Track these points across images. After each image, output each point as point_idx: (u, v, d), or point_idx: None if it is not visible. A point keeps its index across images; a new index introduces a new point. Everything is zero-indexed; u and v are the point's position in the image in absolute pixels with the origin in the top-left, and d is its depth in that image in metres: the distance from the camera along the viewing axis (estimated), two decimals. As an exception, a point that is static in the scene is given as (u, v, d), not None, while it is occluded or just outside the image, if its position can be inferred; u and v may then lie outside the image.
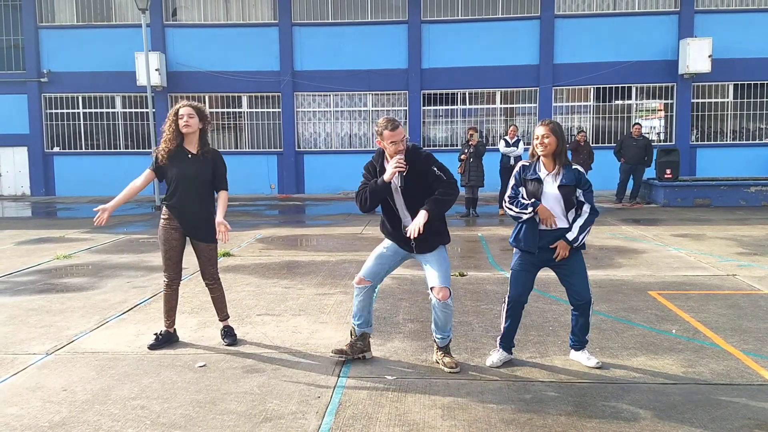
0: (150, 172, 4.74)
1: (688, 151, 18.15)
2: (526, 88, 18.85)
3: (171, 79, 19.00)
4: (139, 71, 18.08)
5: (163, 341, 4.82)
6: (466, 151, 12.61)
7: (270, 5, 19.10)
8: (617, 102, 18.87)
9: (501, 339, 4.40)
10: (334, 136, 19.55)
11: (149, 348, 4.75)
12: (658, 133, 19.05)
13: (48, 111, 19.67)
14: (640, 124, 15.73)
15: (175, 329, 4.95)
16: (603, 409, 3.64)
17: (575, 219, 4.16)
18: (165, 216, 4.76)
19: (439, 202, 4.02)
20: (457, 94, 19.06)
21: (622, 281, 6.85)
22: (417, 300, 6.11)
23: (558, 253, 4.13)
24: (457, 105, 19.16)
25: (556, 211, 4.15)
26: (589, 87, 18.71)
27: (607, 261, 7.99)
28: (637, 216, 12.73)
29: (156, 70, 18.07)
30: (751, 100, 18.45)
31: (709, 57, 17.35)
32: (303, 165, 19.47)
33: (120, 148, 19.73)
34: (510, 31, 18.51)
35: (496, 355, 4.37)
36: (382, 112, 19.09)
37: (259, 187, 19.37)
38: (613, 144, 16.88)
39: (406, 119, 18.89)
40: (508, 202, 4.25)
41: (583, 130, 16.36)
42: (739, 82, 18.34)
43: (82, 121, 19.66)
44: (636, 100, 18.89)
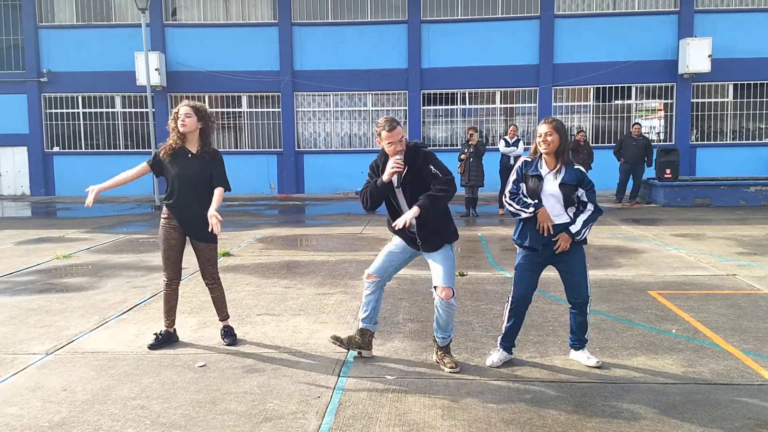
0: (145, 165, 4.76)
1: (688, 150, 18.14)
2: (526, 88, 18.85)
3: (171, 79, 19.00)
4: (138, 71, 18.07)
5: (163, 341, 4.82)
6: (466, 150, 12.61)
7: (270, 5, 19.09)
8: (617, 102, 18.87)
9: (502, 339, 4.40)
10: (333, 136, 19.54)
11: (149, 348, 4.75)
12: (658, 133, 19.05)
13: (48, 111, 19.67)
14: (639, 123, 15.73)
15: (175, 329, 4.95)
16: (603, 409, 3.64)
17: (579, 214, 4.17)
18: (165, 216, 4.77)
19: (432, 198, 4.03)
20: (456, 93, 19.06)
21: (622, 281, 6.86)
22: (417, 300, 6.11)
23: (559, 245, 4.14)
24: (457, 105, 19.16)
25: (556, 209, 4.16)
26: (589, 87, 18.71)
27: (607, 261, 7.99)
28: (637, 216, 12.73)
29: (156, 69, 18.07)
30: (751, 100, 18.45)
31: (709, 57, 17.34)
32: (303, 165, 19.46)
33: (120, 148, 19.73)
34: (510, 31, 18.51)
35: (496, 355, 4.37)
36: (382, 112, 19.08)
37: (258, 187, 19.37)
38: (612, 144, 16.87)
39: (406, 119, 18.89)
40: (509, 197, 4.25)
41: (583, 129, 16.39)
42: (739, 82, 18.33)
43: (81, 121, 19.66)
44: (636, 99, 18.89)
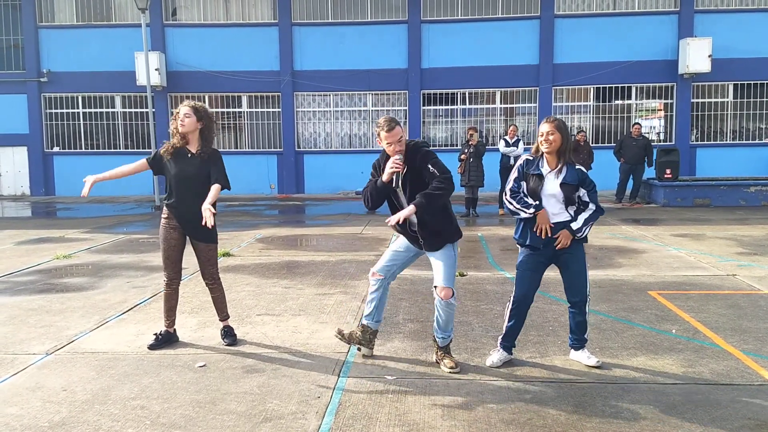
0: (144, 162, 4.78)
1: (688, 151, 18.15)
2: (526, 88, 18.85)
3: (171, 79, 19.00)
4: (138, 71, 18.07)
5: (162, 341, 4.82)
6: (466, 151, 12.61)
7: (270, 5, 19.09)
8: (617, 102, 18.87)
9: (502, 338, 4.39)
10: (333, 136, 19.54)
11: (149, 348, 4.75)
12: (658, 133, 19.05)
13: (48, 111, 19.67)
14: (639, 123, 15.73)
15: (175, 329, 4.95)
16: (603, 409, 3.64)
17: (580, 212, 4.17)
18: (165, 215, 4.79)
19: (428, 196, 4.03)
20: (457, 93, 19.06)
21: (622, 281, 6.86)
22: (417, 300, 6.11)
23: (560, 241, 4.13)
24: (457, 105, 19.16)
25: (556, 208, 4.15)
26: (589, 87, 18.71)
27: (607, 261, 7.99)
28: (637, 216, 12.73)
29: (156, 69, 18.07)
30: (751, 100, 18.45)
31: (709, 57, 17.34)
32: (303, 165, 19.46)
33: (120, 148, 19.73)
34: (510, 31, 18.51)
35: (496, 355, 4.36)
36: (382, 112, 19.08)
37: (259, 187, 19.37)
38: (613, 144, 16.87)
39: (406, 119, 18.89)
40: (509, 195, 4.24)
41: (583, 129, 16.38)
42: (739, 82, 18.33)
43: (81, 121, 19.66)
44: (636, 99, 18.89)
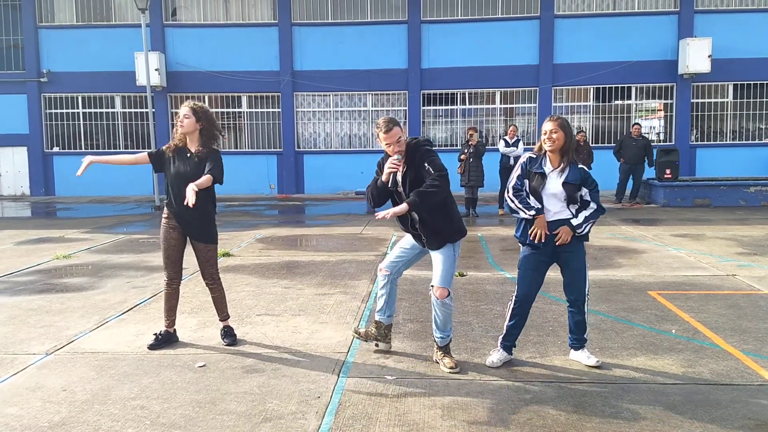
0: (145, 155, 4.81)
1: (688, 151, 18.14)
2: (526, 88, 18.84)
3: (171, 79, 18.99)
4: (138, 71, 18.06)
5: (162, 341, 4.82)
6: (465, 151, 12.60)
7: (270, 5, 19.09)
8: (617, 102, 18.87)
9: (503, 338, 4.39)
10: (333, 136, 19.54)
11: (149, 348, 4.75)
12: (658, 133, 19.05)
13: (47, 111, 19.66)
14: (639, 124, 15.73)
15: (175, 329, 4.95)
16: (603, 409, 3.64)
17: (581, 210, 4.17)
18: (165, 215, 4.80)
19: (422, 194, 4.04)
20: (456, 94, 19.06)
21: (621, 281, 6.85)
22: (417, 300, 6.10)
23: (560, 237, 4.12)
24: (456, 105, 19.16)
25: (558, 206, 4.15)
26: (588, 87, 18.71)
27: (606, 261, 7.99)
28: (637, 216, 12.73)
29: (156, 70, 18.06)
30: (751, 100, 18.45)
31: (709, 57, 17.34)
32: (303, 165, 19.46)
33: (120, 148, 19.71)
34: (510, 31, 18.51)
35: (496, 355, 4.36)
36: (382, 112, 19.08)
37: (258, 187, 19.37)
38: (612, 144, 16.87)
39: (405, 119, 18.88)
40: (512, 193, 4.23)
41: (583, 130, 16.37)
42: (739, 82, 18.33)
43: (81, 121, 19.65)
44: (636, 100, 18.89)
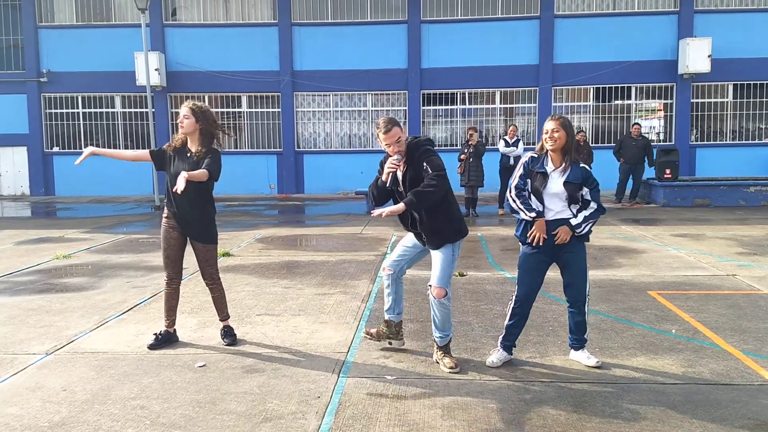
0: (147, 152, 4.82)
1: (688, 151, 18.14)
2: (526, 88, 18.84)
3: (170, 79, 18.99)
4: (138, 71, 18.06)
5: (162, 341, 4.82)
6: (465, 151, 12.60)
7: (270, 5, 19.09)
8: (617, 102, 18.87)
9: (503, 338, 4.39)
10: (333, 136, 19.54)
11: (149, 348, 4.75)
12: (658, 133, 19.05)
13: (47, 111, 19.66)
14: (639, 124, 15.73)
15: (175, 329, 4.95)
16: (603, 409, 3.64)
17: (581, 210, 4.15)
18: (166, 215, 4.81)
19: (418, 193, 4.04)
20: (456, 94, 19.06)
21: (621, 281, 6.85)
22: (417, 300, 6.10)
23: (559, 237, 4.11)
24: (456, 105, 19.16)
25: (559, 206, 4.14)
26: (588, 87, 18.71)
27: (606, 261, 7.99)
28: (637, 216, 12.73)
29: (155, 69, 18.06)
30: (751, 100, 18.45)
31: (709, 57, 17.34)
32: (303, 165, 19.46)
33: (119, 148, 19.67)
34: (510, 31, 18.50)
35: (496, 355, 4.36)
36: (382, 112, 19.08)
37: (258, 187, 19.36)
38: (612, 144, 16.87)
39: (405, 119, 18.88)
40: (515, 192, 4.21)
41: (583, 130, 16.37)
42: (739, 82, 18.33)
43: (81, 121, 19.64)
44: (636, 100, 18.89)
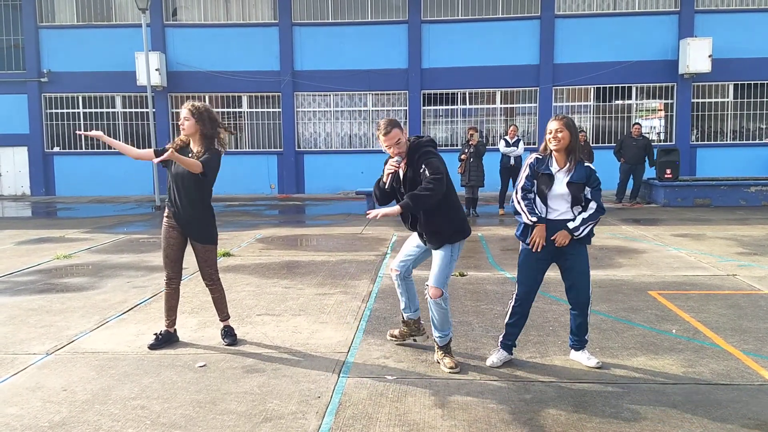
0: (151, 151, 4.83)
1: (688, 151, 18.13)
2: (526, 88, 18.84)
3: (171, 79, 18.99)
4: (139, 71, 18.07)
5: (163, 341, 4.82)
6: (466, 151, 12.60)
7: (270, 5, 19.09)
8: (617, 102, 18.86)
9: (503, 338, 4.38)
10: (334, 136, 19.54)
11: (149, 348, 4.75)
12: (658, 133, 19.04)
13: (48, 111, 19.66)
14: (639, 124, 15.72)
15: (175, 329, 4.95)
16: (603, 409, 3.64)
17: (581, 212, 4.14)
18: (166, 214, 4.82)
19: (414, 197, 4.04)
20: (457, 94, 19.06)
21: (622, 281, 6.85)
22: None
23: (557, 240, 4.10)
24: (457, 105, 19.15)
25: (562, 207, 4.13)
26: (589, 87, 18.70)
27: (607, 261, 7.99)
28: (637, 216, 12.73)
29: (156, 70, 18.06)
30: (751, 100, 18.44)
31: (709, 57, 17.34)
32: (303, 165, 19.46)
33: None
34: (510, 31, 18.50)
35: (496, 355, 4.36)
36: (382, 111, 19.09)
37: (259, 187, 19.37)
38: (613, 144, 16.87)
39: (406, 119, 18.88)
40: (521, 195, 4.19)
41: (583, 130, 16.35)
42: (739, 82, 18.32)
43: (82, 121, 19.63)
44: (636, 100, 18.88)
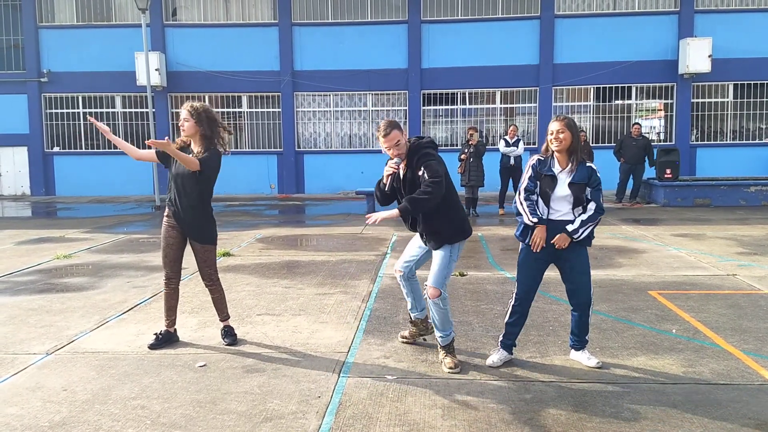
0: (152, 152, 4.84)
1: (688, 151, 18.14)
2: (526, 88, 18.84)
3: (171, 79, 18.99)
4: (139, 71, 18.07)
5: (163, 341, 4.82)
6: (466, 150, 12.60)
7: (270, 5, 19.09)
8: (617, 102, 18.86)
9: (503, 337, 4.38)
10: (334, 136, 19.54)
11: (149, 348, 4.75)
12: (658, 133, 19.04)
13: (48, 111, 19.66)
14: (639, 123, 15.73)
15: (175, 329, 4.95)
16: (603, 409, 3.64)
17: (580, 214, 4.13)
18: (166, 214, 4.82)
19: (412, 200, 4.05)
20: (457, 94, 19.06)
21: (622, 281, 6.85)
22: (417, 300, 6.10)
23: (556, 243, 4.09)
24: (457, 105, 19.15)
25: (564, 209, 4.13)
26: (589, 87, 18.70)
27: (607, 261, 7.99)
28: (637, 216, 12.73)
29: (156, 70, 18.06)
30: (751, 100, 18.44)
31: (709, 57, 17.34)
32: (303, 165, 19.46)
33: (120, 148, 19.66)
34: (510, 31, 18.51)
35: (497, 355, 4.36)
36: (382, 111, 19.10)
37: (259, 187, 19.37)
38: (613, 144, 16.87)
39: (406, 119, 18.88)
40: (524, 195, 4.18)
41: (583, 129, 16.33)
42: (739, 82, 18.33)
43: (82, 121, 19.63)
44: (636, 99, 18.88)
